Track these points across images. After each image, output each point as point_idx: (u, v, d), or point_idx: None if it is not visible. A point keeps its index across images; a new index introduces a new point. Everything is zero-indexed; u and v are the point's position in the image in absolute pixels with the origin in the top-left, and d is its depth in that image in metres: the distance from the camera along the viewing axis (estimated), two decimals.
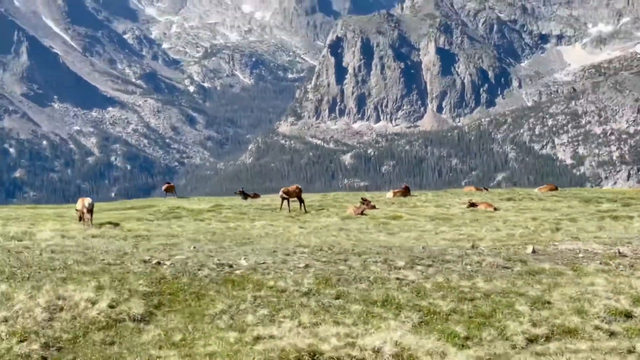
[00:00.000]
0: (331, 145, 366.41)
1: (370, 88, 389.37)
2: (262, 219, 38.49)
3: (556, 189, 62.87)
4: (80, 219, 34.33)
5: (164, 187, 65.86)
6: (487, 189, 67.13)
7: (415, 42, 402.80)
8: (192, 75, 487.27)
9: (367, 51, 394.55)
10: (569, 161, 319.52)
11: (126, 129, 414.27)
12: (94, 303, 17.69)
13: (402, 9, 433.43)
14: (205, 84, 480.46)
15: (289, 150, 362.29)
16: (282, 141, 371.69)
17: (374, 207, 42.99)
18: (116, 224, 33.71)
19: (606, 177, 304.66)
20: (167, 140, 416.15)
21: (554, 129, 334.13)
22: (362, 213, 40.59)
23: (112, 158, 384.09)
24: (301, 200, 42.97)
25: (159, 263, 21.30)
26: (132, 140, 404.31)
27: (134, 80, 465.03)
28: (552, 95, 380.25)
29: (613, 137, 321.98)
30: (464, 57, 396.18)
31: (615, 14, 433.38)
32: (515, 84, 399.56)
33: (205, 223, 36.61)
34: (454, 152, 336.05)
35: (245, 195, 56.10)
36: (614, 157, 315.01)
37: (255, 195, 59.65)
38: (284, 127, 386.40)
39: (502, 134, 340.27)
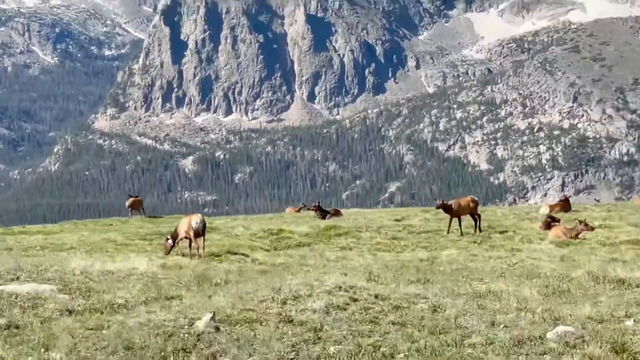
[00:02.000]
0: (166, 146, 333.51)
1: (218, 69, 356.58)
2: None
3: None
4: (169, 251, 29.46)
5: (128, 203, 58.34)
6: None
7: (278, 8, 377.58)
8: None
9: (214, 19, 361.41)
10: (484, 166, 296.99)
11: None
12: None
13: None
14: None
15: (109, 153, 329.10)
16: (100, 141, 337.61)
17: (592, 228, 37.15)
18: (234, 254, 30.53)
19: (533, 187, 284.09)
20: None
21: (464, 123, 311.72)
22: (576, 237, 35.78)
23: None
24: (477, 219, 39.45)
25: None
26: None
27: None
28: (461, 79, 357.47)
29: (542, 134, 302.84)
30: (344, 28, 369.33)
31: None
32: (411, 63, 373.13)
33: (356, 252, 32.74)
34: (332, 155, 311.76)
35: (323, 213, 50.34)
36: (544, 160, 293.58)
37: (336, 212, 52.60)
38: (102, 121, 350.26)
39: (395, 131, 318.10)
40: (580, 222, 36.25)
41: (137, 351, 13.10)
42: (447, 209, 36.46)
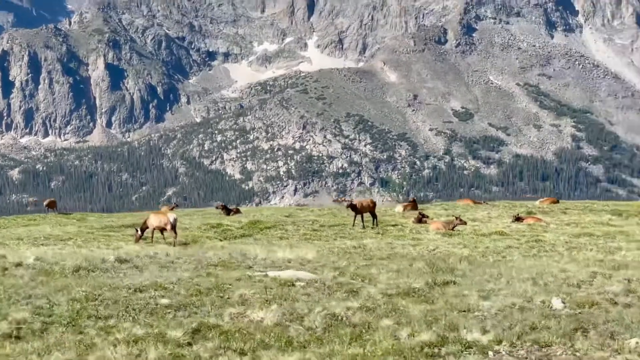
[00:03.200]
0: None
1: (38, 102, 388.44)
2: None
3: (557, 202, 64.45)
4: (138, 240, 33.54)
5: (45, 203, 63.62)
6: (486, 202, 68.20)
7: (84, 57, 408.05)
8: None
9: (34, 65, 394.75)
10: (237, 176, 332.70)
11: None
12: None
13: (70, 23, 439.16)
14: None
15: None
16: None
17: (465, 222, 42.16)
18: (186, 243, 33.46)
19: (274, 192, 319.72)
20: None
21: (222, 144, 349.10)
22: (453, 229, 40.36)
23: None
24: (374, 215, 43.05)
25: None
26: None
27: None
28: (220, 112, 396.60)
29: (280, 153, 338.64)
30: (133, 73, 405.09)
31: (279, 33, 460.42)
32: (183, 99, 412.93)
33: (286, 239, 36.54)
34: (124, 167, 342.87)
35: (227, 211, 55.30)
36: (281, 172, 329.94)
37: (237, 211, 57.60)
38: None
39: (172, 149, 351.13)
40: (456, 218, 41.60)
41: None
42: (354, 208, 41.29)
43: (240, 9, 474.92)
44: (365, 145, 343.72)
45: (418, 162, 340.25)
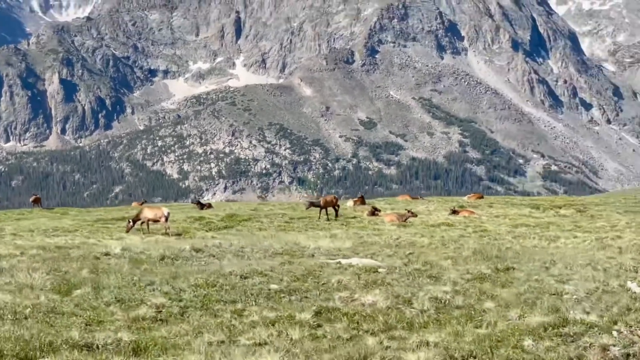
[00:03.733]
0: None
1: (0, 112, 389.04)
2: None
3: (482, 197, 67.01)
4: (129, 230, 33.13)
5: (32, 199, 62.32)
6: (422, 197, 70.56)
7: (41, 74, 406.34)
8: None
9: None
10: (175, 176, 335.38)
11: None
12: None
13: (28, 44, 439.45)
14: None
15: None
16: None
17: (415, 215, 42.51)
18: (179, 234, 32.87)
19: (207, 189, 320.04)
20: None
21: (163, 149, 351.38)
22: (405, 221, 40.35)
23: None
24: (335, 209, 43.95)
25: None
26: None
27: None
28: (161, 121, 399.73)
29: (212, 156, 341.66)
30: (84, 87, 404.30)
31: (211, 54, 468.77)
32: (129, 110, 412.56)
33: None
34: (77, 169, 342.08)
35: (201, 206, 55.18)
36: (213, 172, 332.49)
37: (209, 206, 57.18)
38: None
39: (118, 153, 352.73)
40: (408, 211, 41.36)
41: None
42: (316, 205, 41.55)
43: (177, 32, 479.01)
44: (284, 150, 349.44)
45: (330, 164, 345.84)
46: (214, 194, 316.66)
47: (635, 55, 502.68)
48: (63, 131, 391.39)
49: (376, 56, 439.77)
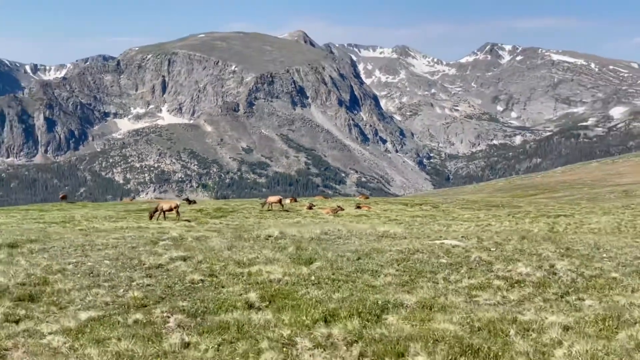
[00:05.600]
0: None
1: (3, 138, 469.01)
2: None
3: (368, 197, 75.08)
4: (152, 217, 36.65)
5: (61, 195, 72.03)
6: (331, 198, 79.29)
7: (31, 113, 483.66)
8: None
9: (1, 117, 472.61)
10: (121, 181, 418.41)
11: None
12: None
13: (23, 94, 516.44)
14: None
15: None
16: None
17: (343, 209, 47.09)
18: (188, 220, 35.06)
19: (142, 191, 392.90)
20: None
21: (113, 164, 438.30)
22: (336, 213, 44.65)
23: None
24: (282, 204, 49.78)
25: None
26: None
27: None
28: (112, 146, 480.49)
29: (146, 169, 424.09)
30: (61, 123, 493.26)
31: (145, 103, 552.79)
32: (90, 138, 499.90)
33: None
34: (55, 176, 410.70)
35: (189, 202, 61.46)
36: (146, 180, 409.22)
37: (194, 202, 63.71)
38: None
39: (83, 166, 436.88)
40: (338, 206, 45.56)
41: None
42: (270, 203, 44.27)
43: (123, 88, 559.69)
44: (193, 165, 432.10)
45: (222, 175, 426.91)
46: (147, 194, 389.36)
47: (413, 110, 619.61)
48: (46, 151, 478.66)
49: (253, 107, 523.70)
